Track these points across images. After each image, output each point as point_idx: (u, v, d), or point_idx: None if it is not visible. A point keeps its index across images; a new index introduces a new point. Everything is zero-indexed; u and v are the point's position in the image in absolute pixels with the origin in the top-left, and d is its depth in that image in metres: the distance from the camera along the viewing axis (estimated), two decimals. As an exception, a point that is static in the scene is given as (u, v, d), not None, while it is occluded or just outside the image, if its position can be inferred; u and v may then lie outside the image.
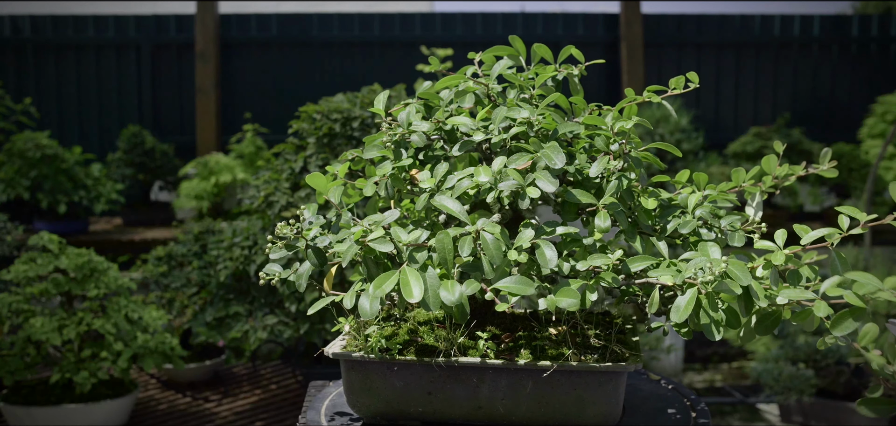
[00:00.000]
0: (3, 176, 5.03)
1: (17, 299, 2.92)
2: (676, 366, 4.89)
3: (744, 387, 4.68)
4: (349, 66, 6.71)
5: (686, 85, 1.32)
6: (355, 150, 1.38)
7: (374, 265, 1.21)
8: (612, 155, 1.27)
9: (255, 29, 6.66)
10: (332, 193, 1.30)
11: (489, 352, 1.22)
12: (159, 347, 3.00)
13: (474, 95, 1.37)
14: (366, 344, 1.25)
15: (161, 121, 6.73)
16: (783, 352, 3.89)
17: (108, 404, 2.93)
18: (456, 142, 1.31)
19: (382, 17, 6.73)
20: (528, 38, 1.33)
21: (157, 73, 6.69)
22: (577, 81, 1.41)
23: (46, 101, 6.59)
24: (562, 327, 1.27)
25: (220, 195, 5.21)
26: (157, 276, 3.64)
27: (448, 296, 1.11)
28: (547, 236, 1.18)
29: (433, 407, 1.24)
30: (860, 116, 5.75)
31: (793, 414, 3.93)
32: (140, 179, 5.83)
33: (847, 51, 6.98)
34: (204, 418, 3.27)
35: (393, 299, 1.35)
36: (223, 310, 3.25)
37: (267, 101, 6.65)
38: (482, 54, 1.42)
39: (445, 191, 1.24)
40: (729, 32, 6.87)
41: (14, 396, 2.97)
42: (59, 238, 3.02)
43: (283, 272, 1.30)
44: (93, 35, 6.60)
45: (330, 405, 1.39)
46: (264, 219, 3.28)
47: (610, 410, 1.22)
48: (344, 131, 3.18)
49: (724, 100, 6.95)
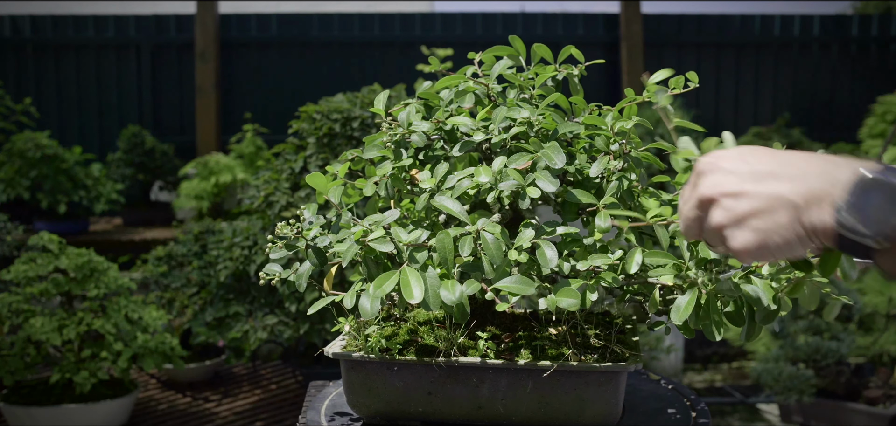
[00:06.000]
0: (3, 176, 5.03)
1: (17, 299, 2.92)
2: (676, 366, 4.89)
3: (744, 387, 4.68)
4: (349, 66, 6.71)
5: (686, 85, 1.32)
6: (355, 150, 1.38)
7: (374, 265, 1.21)
8: (612, 155, 1.27)
9: (255, 29, 6.66)
10: (332, 193, 1.30)
11: (489, 352, 1.22)
12: (159, 347, 3.00)
13: (474, 95, 1.37)
14: (366, 344, 1.25)
15: (161, 121, 6.73)
16: (783, 352, 3.89)
17: (108, 404, 2.93)
18: (456, 142, 1.31)
19: (382, 17, 6.73)
20: (528, 38, 1.33)
21: (157, 73, 6.69)
22: (577, 81, 1.41)
23: (46, 101, 6.59)
24: (562, 327, 1.27)
25: (220, 195, 5.21)
26: (157, 276, 3.64)
27: (448, 295, 1.11)
28: (547, 236, 1.18)
29: (433, 407, 1.24)
30: (860, 116, 5.75)
31: (793, 414, 3.93)
32: (140, 179, 5.83)
33: (847, 51, 6.98)
34: (204, 418, 3.27)
35: (393, 299, 1.34)
36: (223, 310, 3.25)
37: (267, 101, 6.65)
38: (482, 54, 1.42)
39: (445, 191, 1.23)
40: (729, 32, 6.87)
41: (14, 396, 2.97)
42: (59, 238, 3.02)
43: (283, 272, 1.30)
44: (93, 35, 6.60)
45: (330, 405, 1.39)
46: (264, 219, 3.28)
47: (610, 410, 1.22)
48: (344, 131, 3.18)
49: (724, 100, 6.95)
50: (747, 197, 0.90)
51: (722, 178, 0.92)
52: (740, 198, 0.90)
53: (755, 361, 4.11)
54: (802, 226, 0.87)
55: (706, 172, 0.94)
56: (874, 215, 0.82)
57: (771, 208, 0.89)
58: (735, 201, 0.91)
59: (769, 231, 0.89)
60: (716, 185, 0.92)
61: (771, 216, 0.88)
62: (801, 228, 0.87)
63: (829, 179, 0.86)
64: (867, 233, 0.82)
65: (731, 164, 0.93)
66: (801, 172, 0.88)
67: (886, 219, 0.81)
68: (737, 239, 0.91)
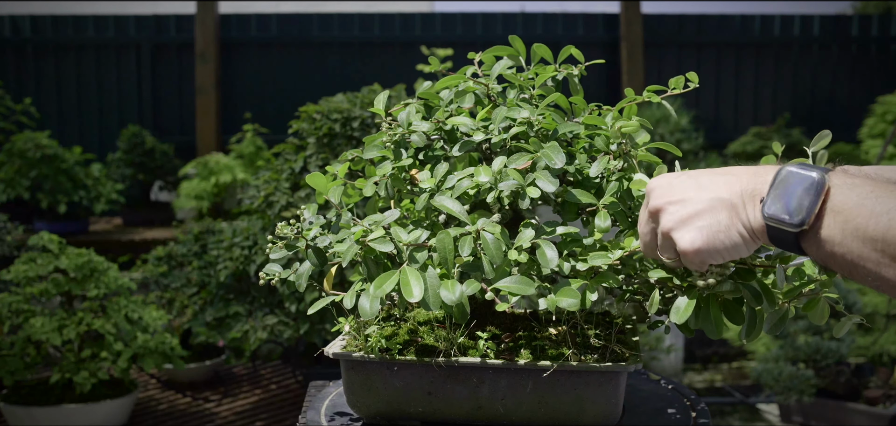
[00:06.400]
0: (3, 176, 5.03)
1: (17, 299, 2.92)
2: (676, 366, 4.89)
3: (744, 387, 4.68)
4: (349, 66, 6.71)
5: (686, 85, 1.32)
6: (355, 150, 1.38)
7: (374, 265, 1.21)
8: (612, 155, 1.27)
9: (255, 29, 6.66)
10: (332, 193, 1.30)
11: (489, 352, 1.22)
12: (159, 347, 3.00)
13: (474, 95, 1.37)
14: (366, 344, 1.25)
15: (161, 121, 6.73)
16: (783, 352, 3.89)
17: (108, 404, 2.93)
18: (456, 142, 1.31)
19: (382, 17, 6.73)
20: (528, 38, 1.33)
21: (157, 73, 6.69)
22: (577, 81, 1.40)
23: (46, 101, 6.59)
24: (562, 327, 1.27)
25: (220, 195, 5.21)
26: (157, 276, 3.64)
27: (448, 295, 1.11)
28: (547, 236, 1.18)
29: (433, 407, 1.24)
30: (860, 116, 5.75)
31: (793, 414, 3.93)
32: (140, 179, 5.83)
33: (847, 51, 6.98)
34: (204, 418, 3.27)
35: (393, 299, 1.34)
36: (223, 310, 3.25)
37: (267, 101, 6.65)
38: (482, 54, 1.42)
39: (445, 191, 1.23)
40: (729, 32, 6.87)
41: (14, 396, 2.97)
42: (59, 238, 3.02)
43: (283, 272, 1.30)
44: (93, 35, 6.60)
45: (330, 405, 1.39)
46: (264, 219, 3.28)
47: (610, 410, 1.22)
48: (344, 131, 3.18)
49: (724, 100, 6.95)
50: (690, 201, 1.00)
51: (668, 190, 1.03)
52: (684, 203, 1.01)
53: (755, 361, 4.11)
54: (741, 224, 0.97)
55: (655, 189, 1.06)
56: (793, 204, 0.91)
57: (712, 208, 0.98)
58: (680, 206, 1.01)
59: (712, 229, 0.98)
60: (662, 196, 1.04)
61: (712, 215, 0.98)
62: (741, 226, 0.97)
63: (758, 179, 0.96)
64: (788, 219, 0.91)
65: (676, 179, 1.04)
66: (735, 177, 0.99)
67: (801, 205, 0.90)
68: (683, 239, 1.00)
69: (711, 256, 1.00)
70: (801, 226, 0.90)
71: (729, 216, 0.97)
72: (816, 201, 0.90)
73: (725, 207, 0.97)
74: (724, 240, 0.98)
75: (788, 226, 0.91)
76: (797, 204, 0.91)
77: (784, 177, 0.93)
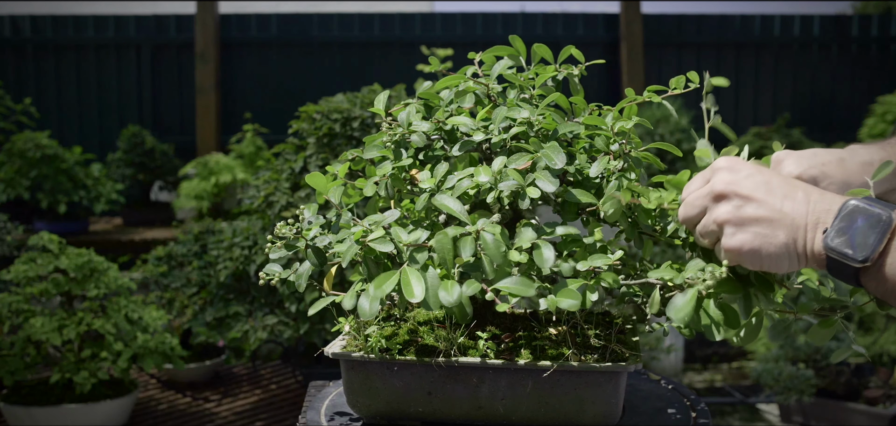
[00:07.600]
0: (3, 176, 5.03)
1: (17, 299, 2.92)
2: (676, 366, 4.89)
3: (744, 387, 4.68)
4: (349, 66, 6.71)
5: (686, 85, 1.32)
6: (355, 150, 1.38)
7: (374, 265, 1.21)
8: (612, 155, 1.27)
9: (255, 29, 6.66)
10: (332, 193, 1.30)
11: (489, 352, 1.22)
12: (159, 347, 3.00)
13: (474, 95, 1.37)
14: (366, 344, 1.25)
15: (161, 121, 6.73)
16: (783, 352, 3.89)
17: (108, 404, 2.93)
18: (456, 142, 1.31)
19: (382, 17, 6.73)
20: (528, 38, 1.33)
21: (157, 73, 6.69)
22: (578, 81, 1.40)
23: (46, 101, 6.59)
24: (562, 327, 1.27)
25: (220, 195, 5.21)
26: (157, 276, 3.64)
27: (447, 297, 1.11)
28: (547, 236, 1.18)
29: (433, 407, 1.24)
30: (860, 116, 5.75)
31: (793, 414, 3.93)
32: (140, 179, 5.83)
33: (847, 51, 6.98)
34: (204, 418, 3.27)
35: (393, 299, 1.34)
36: (223, 310, 3.25)
37: (267, 101, 6.65)
38: (482, 54, 1.42)
39: (445, 191, 1.23)
40: (729, 32, 6.87)
41: (14, 396, 2.97)
42: (59, 238, 3.02)
43: (283, 272, 1.30)
44: (93, 35, 6.60)
45: (330, 405, 1.39)
46: (264, 219, 3.28)
47: (610, 410, 1.22)
48: (344, 131, 3.18)
49: (724, 100, 6.95)
50: (757, 203, 0.99)
51: (737, 181, 1.01)
52: (750, 202, 0.99)
53: (755, 361, 4.11)
54: (797, 247, 0.96)
55: (724, 170, 1.03)
56: (858, 239, 0.92)
57: (775, 221, 0.97)
58: (744, 203, 0.99)
59: (767, 239, 0.97)
60: (731, 184, 1.01)
61: (772, 228, 0.97)
62: (794, 249, 0.97)
63: (822, 207, 0.96)
64: (851, 254, 0.92)
65: (748, 170, 1.02)
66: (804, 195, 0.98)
67: (866, 241, 0.91)
68: (735, 238, 0.99)
69: (753, 262, 1.00)
70: (863, 263, 0.92)
71: (787, 235, 0.97)
72: (882, 240, 0.91)
73: (787, 225, 0.97)
74: (772, 253, 0.98)
75: (851, 262, 0.93)
76: (862, 240, 0.92)
77: (850, 211, 0.94)
